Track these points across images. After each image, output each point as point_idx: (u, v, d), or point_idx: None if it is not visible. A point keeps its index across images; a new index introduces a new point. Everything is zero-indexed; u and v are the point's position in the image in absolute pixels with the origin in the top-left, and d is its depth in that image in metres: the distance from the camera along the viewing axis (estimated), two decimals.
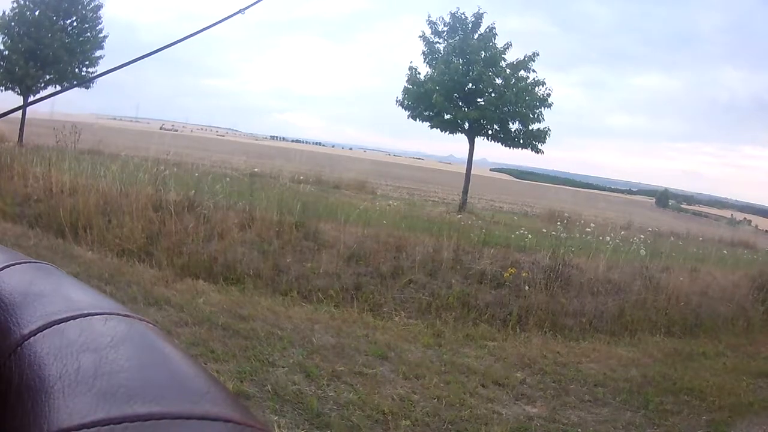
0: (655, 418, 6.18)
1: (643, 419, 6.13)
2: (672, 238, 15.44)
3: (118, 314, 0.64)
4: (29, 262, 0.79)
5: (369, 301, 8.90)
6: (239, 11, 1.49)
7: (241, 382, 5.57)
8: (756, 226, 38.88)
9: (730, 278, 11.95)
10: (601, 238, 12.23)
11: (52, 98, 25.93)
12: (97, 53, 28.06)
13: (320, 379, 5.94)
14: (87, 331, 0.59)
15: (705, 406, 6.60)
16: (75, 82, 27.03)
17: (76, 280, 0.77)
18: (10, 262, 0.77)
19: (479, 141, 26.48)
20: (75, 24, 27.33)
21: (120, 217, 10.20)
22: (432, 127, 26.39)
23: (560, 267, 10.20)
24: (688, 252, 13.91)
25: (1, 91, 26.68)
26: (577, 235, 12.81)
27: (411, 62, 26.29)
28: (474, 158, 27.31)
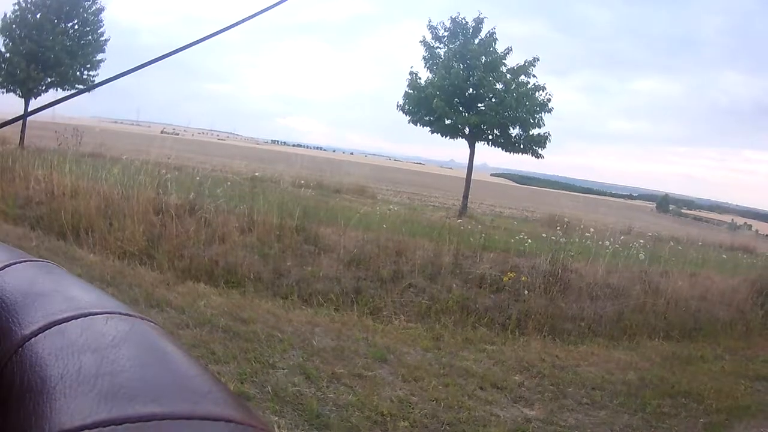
0: (652, 421, 6.20)
1: (640, 422, 6.15)
2: (671, 243, 15.42)
3: (119, 313, 0.64)
4: (30, 260, 0.79)
5: (369, 304, 8.91)
6: None
7: (242, 383, 5.60)
8: (756, 231, 38.83)
9: (729, 282, 11.97)
10: (600, 242, 12.25)
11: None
12: (99, 56, 28.14)
13: (320, 381, 5.96)
14: (88, 331, 0.59)
15: (703, 409, 6.62)
16: (83, 86, 27.08)
17: (78, 278, 0.77)
18: (11, 261, 0.76)
19: (480, 146, 26.54)
20: (76, 27, 27.39)
21: (121, 220, 10.21)
22: (432, 132, 26.46)
23: (559, 271, 10.22)
24: (688, 257, 13.91)
25: (3, 93, 26.75)
26: (577, 239, 12.82)
27: (412, 67, 26.36)
28: (474, 163, 27.38)
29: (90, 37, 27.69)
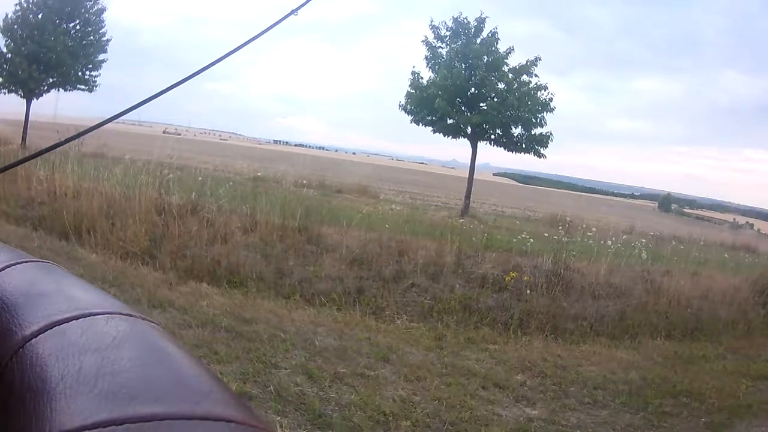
0: (654, 420, 6.20)
1: (642, 421, 6.15)
2: (673, 242, 15.39)
3: (120, 314, 0.63)
4: (31, 261, 0.78)
5: (371, 304, 8.92)
6: (292, 12, 1.37)
7: (245, 383, 5.60)
8: (758, 230, 38.74)
9: (731, 282, 11.95)
10: (602, 242, 12.25)
11: (55, 101, 26.01)
12: (101, 57, 28.12)
13: (322, 381, 5.97)
14: (89, 332, 0.59)
15: (704, 408, 6.62)
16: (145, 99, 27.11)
17: (79, 278, 0.77)
18: (12, 261, 0.76)
19: (482, 145, 26.50)
20: (78, 27, 27.37)
21: (123, 220, 10.21)
22: (435, 132, 26.40)
23: (562, 271, 10.21)
24: (690, 256, 13.88)
25: (4, 94, 26.76)
26: (579, 239, 12.83)
27: (414, 67, 26.29)
28: (477, 163, 27.32)
29: (92, 37, 27.68)
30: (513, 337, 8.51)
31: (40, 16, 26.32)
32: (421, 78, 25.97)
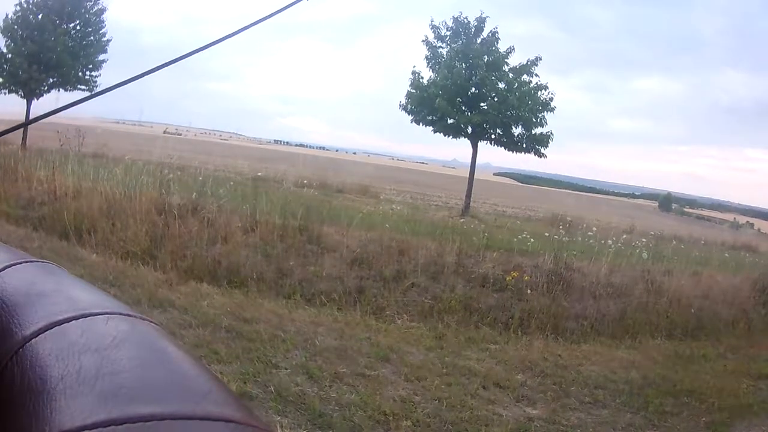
0: (654, 420, 6.20)
1: (642, 421, 6.15)
2: (674, 242, 15.40)
3: (120, 314, 0.63)
4: (31, 261, 0.78)
5: (372, 304, 8.91)
6: None
7: (245, 383, 5.60)
8: (759, 230, 38.68)
9: (731, 281, 11.94)
10: (603, 241, 12.24)
11: (55, 101, 25.98)
12: (101, 57, 28.08)
13: (323, 381, 5.97)
14: (89, 332, 0.59)
15: (705, 408, 6.61)
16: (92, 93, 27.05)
17: (79, 279, 0.77)
18: (12, 261, 0.76)
19: (483, 145, 26.43)
20: (78, 27, 27.33)
21: (124, 220, 10.21)
22: (435, 132, 26.32)
23: (562, 270, 10.20)
24: (691, 255, 13.89)
25: (5, 94, 26.73)
26: (580, 238, 12.82)
27: (414, 67, 26.23)
28: (477, 162, 27.26)
29: (92, 37, 27.64)
30: (513, 337, 8.51)
31: (40, 16, 26.29)
32: (422, 78, 25.93)
